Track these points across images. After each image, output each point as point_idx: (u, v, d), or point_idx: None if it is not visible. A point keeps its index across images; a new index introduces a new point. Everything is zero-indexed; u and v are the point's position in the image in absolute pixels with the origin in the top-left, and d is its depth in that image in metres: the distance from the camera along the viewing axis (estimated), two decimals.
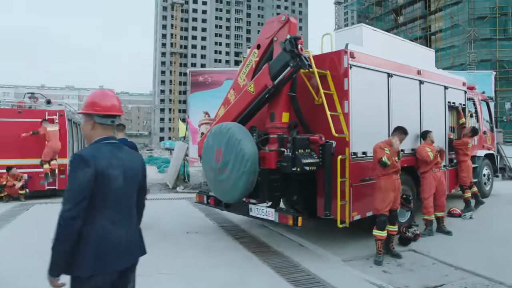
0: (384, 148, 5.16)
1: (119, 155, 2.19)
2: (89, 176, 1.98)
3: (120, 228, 2.13)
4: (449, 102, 7.68)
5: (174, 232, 6.52)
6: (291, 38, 4.88)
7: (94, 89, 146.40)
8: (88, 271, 1.99)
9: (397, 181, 5.25)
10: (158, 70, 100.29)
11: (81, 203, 1.95)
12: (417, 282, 4.32)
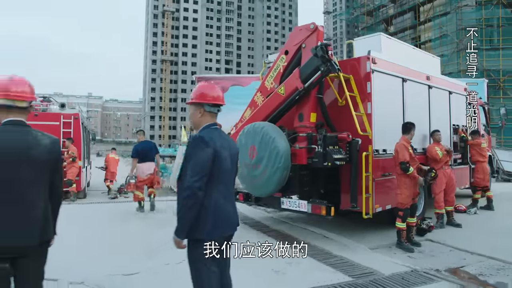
0: (408, 148, 5.63)
1: (225, 139, 2.62)
2: (209, 156, 2.40)
3: (228, 202, 2.56)
4: (454, 125, 8.23)
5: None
6: (322, 44, 5.38)
7: (83, 96, 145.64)
8: (207, 235, 2.41)
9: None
10: (149, 77, 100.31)
11: (203, 177, 2.37)
12: (440, 264, 4.77)
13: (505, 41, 32.04)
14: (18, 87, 2.32)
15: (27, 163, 2.24)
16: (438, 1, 34.33)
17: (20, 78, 2.40)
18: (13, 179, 2.19)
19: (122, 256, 5.02)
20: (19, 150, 2.23)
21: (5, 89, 2.29)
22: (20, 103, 2.31)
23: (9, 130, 2.28)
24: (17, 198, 2.19)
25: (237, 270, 2.82)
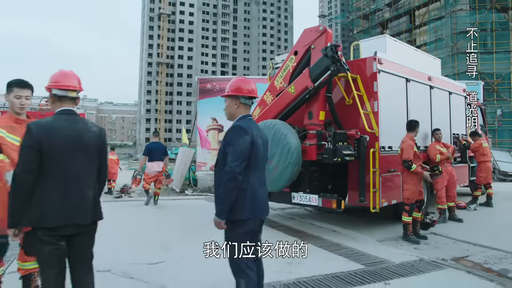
0: (413, 146, 5.88)
1: (259, 128, 2.84)
2: (248, 143, 2.62)
3: (262, 188, 2.78)
4: (454, 134, 8.50)
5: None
6: (332, 45, 5.63)
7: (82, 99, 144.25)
8: (245, 216, 2.63)
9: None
10: (144, 80, 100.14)
11: (243, 163, 2.58)
12: (446, 255, 5.01)
13: (499, 45, 32.61)
14: (69, 79, 2.54)
15: (80, 149, 2.47)
16: (433, 6, 34.85)
17: (69, 71, 2.63)
18: (70, 164, 2.40)
19: (140, 247, 5.21)
20: (74, 137, 2.45)
21: (57, 81, 2.52)
22: (71, 93, 2.55)
23: (64, 119, 2.49)
24: (73, 182, 2.40)
25: None
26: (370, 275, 4.08)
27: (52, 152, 2.34)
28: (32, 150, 2.31)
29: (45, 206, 2.31)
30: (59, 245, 2.34)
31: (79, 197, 2.41)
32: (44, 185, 2.33)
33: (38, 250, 2.33)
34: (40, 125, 2.38)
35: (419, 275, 4.12)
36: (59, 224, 2.31)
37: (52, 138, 2.35)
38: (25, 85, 3.11)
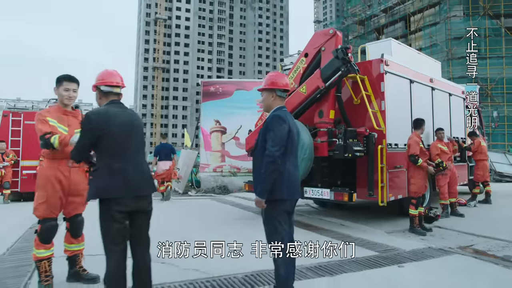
0: (419, 143, 6.22)
1: (293, 118, 3.14)
2: (285, 130, 2.93)
3: (296, 171, 3.07)
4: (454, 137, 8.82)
5: (225, 220, 7.36)
6: (343, 47, 5.96)
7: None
8: (284, 196, 2.92)
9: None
10: (140, 84, 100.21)
11: (282, 148, 2.88)
12: (451, 244, 5.31)
13: (492, 50, 33.25)
14: (114, 77, 2.89)
15: (133, 131, 2.83)
16: (428, 12, 35.49)
17: (113, 70, 3.00)
18: (128, 143, 2.75)
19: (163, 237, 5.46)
20: (127, 121, 2.81)
21: (104, 79, 2.88)
22: (116, 89, 2.90)
23: (115, 107, 2.85)
24: (132, 158, 2.74)
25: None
26: (384, 260, 4.38)
27: (112, 134, 2.64)
28: (93, 133, 2.63)
29: (110, 181, 2.59)
30: (124, 224, 2.63)
31: (138, 172, 2.73)
32: (107, 163, 2.62)
33: (107, 228, 2.61)
34: (98, 113, 2.69)
35: (430, 259, 4.43)
36: (124, 195, 2.60)
37: (109, 122, 2.67)
38: (73, 79, 3.43)
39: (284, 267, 2.89)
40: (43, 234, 3.25)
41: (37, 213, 3.27)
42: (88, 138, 2.68)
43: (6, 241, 5.15)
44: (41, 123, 3.27)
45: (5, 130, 10.54)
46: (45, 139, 3.18)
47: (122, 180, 2.62)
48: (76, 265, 3.51)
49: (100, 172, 2.63)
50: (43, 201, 3.25)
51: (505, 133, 29.70)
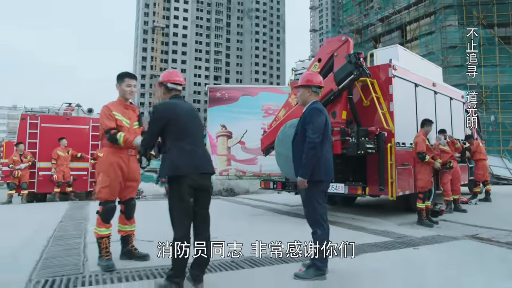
0: (425, 141, 6.68)
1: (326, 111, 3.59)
2: (323, 120, 3.38)
3: (330, 155, 3.52)
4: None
5: (241, 216, 7.75)
6: (355, 52, 6.44)
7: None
8: (322, 177, 3.36)
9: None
10: (138, 92, 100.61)
11: (320, 135, 3.33)
12: (458, 233, 5.75)
13: (486, 59, 34.06)
14: (177, 76, 3.34)
15: (195, 117, 3.29)
16: (424, 21, 36.35)
17: (176, 71, 3.44)
18: (193, 129, 3.17)
19: None
20: (189, 110, 3.26)
21: (170, 78, 3.33)
22: (179, 87, 3.34)
23: (180, 100, 3.29)
24: (196, 142, 3.17)
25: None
26: (400, 244, 4.81)
27: (180, 119, 3.07)
28: (161, 120, 3.07)
29: (181, 160, 3.01)
30: (190, 200, 3.02)
31: (202, 152, 3.17)
32: (178, 145, 3.05)
33: (178, 202, 3.01)
34: (165, 104, 3.14)
35: (441, 243, 4.87)
36: (192, 172, 3.02)
37: (175, 111, 3.11)
38: (134, 76, 3.88)
39: (323, 241, 3.31)
40: (104, 214, 3.65)
41: (99, 196, 3.67)
42: (157, 125, 3.09)
43: (44, 232, 5.50)
44: (107, 118, 3.67)
45: (23, 133, 10.92)
46: (111, 134, 3.59)
47: (190, 159, 3.04)
48: (128, 244, 3.90)
49: (171, 153, 3.05)
50: (106, 185, 3.64)
51: (500, 139, 30.36)
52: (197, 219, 3.10)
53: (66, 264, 3.74)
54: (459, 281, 3.42)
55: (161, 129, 3.09)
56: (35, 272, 3.45)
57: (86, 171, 11.57)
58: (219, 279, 3.30)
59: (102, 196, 3.66)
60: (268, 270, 3.64)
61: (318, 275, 3.29)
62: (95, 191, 3.75)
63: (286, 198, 11.27)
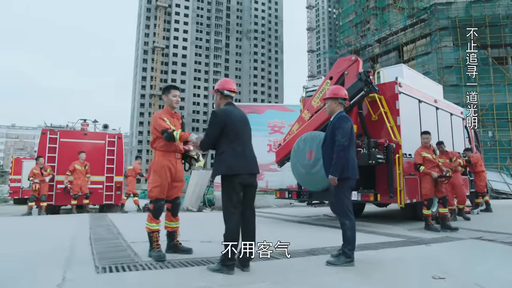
0: (421, 153, 7.17)
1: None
2: (350, 126, 3.93)
3: (355, 156, 4.04)
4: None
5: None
6: (365, 71, 7.05)
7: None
8: (350, 174, 3.89)
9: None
10: (137, 111, 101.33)
11: (347, 140, 3.87)
12: (464, 236, 6.23)
13: (481, 78, 35.00)
14: (232, 84, 3.86)
15: (247, 123, 3.82)
16: (420, 42, 37.55)
17: (231, 79, 3.97)
18: (243, 133, 3.69)
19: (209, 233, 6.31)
20: (241, 116, 3.79)
21: (225, 85, 3.84)
22: (233, 94, 3.85)
23: (232, 106, 3.82)
24: (246, 145, 3.68)
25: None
26: (412, 243, 5.28)
27: (234, 125, 3.60)
28: (220, 124, 3.58)
29: (234, 159, 3.53)
30: (240, 194, 3.53)
31: (251, 155, 3.68)
32: (232, 147, 3.56)
33: (230, 196, 3.51)
34: (222, 110, 3.67)
35: (450, 242, 5.36)
36: (243, 171, 3.52)
37: (231, 117, 3.63)
38: (178, 88, 4.42)
39: (351, 230, 3.81)
40: (155, 211, 4.12)
41: (151, 194, 4.15)
42: (216, 128, 3.60)
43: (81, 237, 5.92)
44: (162, 121, 4.19)
45: (43, 147, 11.40)
46: (168, 133, 4.09)
47: (242, 161, 3.55)
48: (174, 239, 4.36)
49: (225, 154, 3.56)
50: (158, 184, 4.13)
51: (497, 156, 31.01)
52: (244, 208, 3.60)
53: (119, 257, 4.17)
54: (471, 265, 3.90)
55: (219, 132, 3.60)
56: (96, 262, 3.89)
57: (101, 184, 12.01)
58: (262, 265, 3.75)
59: (153, 195, 4.14)
60: (302, 260, 4.11)
61: (347, 262, 3.77)
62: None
63: (295, 211, 11.74)
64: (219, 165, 3.58)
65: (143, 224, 4.25)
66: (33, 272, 3.47)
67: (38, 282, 3.13)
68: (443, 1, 36.15)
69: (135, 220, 8.73)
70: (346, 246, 3.82)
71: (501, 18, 34.63)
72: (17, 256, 4.23)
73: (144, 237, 4.29)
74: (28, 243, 5.31)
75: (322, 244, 5.05)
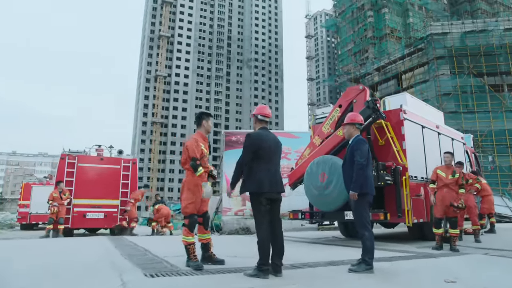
0: (437, 170, 7.62)
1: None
2: (367, 147, 4.46)
3: (371, 174, 4.55)
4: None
5: None
6: (372, 99, 7.65)
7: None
8: (368, 190, 4.38)
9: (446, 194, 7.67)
10: (138, 138, 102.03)
11: (365, 160, 4.39)
12: (471, 252, 6.65)
13: (479, 105, 36.01)
14: (266, 110, 4.40)
15: (277, 147, 4.32)
16: (418, 70, 38.72)
17: (266, 105, 4.50)
18: (272, 156, 4.18)
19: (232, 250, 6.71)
20: (272, 141, 4.29)
21: (262, 111, 4.38)
22: (266, 118, 4.38)
23: (265, 131, 4.34)
24: (274, 166, 4.16)
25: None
26: (421, 256, 5.71)
27: (265, 149, 4.11)
28: (253, 147, 4.10)
29: (262, 180, 4.03)
30: (267, 207, 4.02)
31: (277, 176, 4.16)
32: (261, 168, 4.07)
33: (258, 209, 4.00)
34: (257, 134, 4.19)
35: (457, 256, 5.77)
36: (269, 191, 4.02)
37: (264, 141, 4.15)
38: (212, 115, 4.97)
39: (369, 241, 4.27)
40: (191, 225, 4.59)
41: (187, 210, 4.62)
42: (250, 150, 4.13)
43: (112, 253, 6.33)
44: (196, 147, 4.70)
45: (61, 171, 11.89)
46: (196, 163, 4.58)
47: (269, 180, 4.06)
48: (208, 250, 4.80)
49: (255, 173, 4.06)
50: (192, 201, 4.61)
51: (498, 181, 31.42)
52: (272, 220, 4.08)
53: (159, 267, 4.59)
54: (479, 273, 4.33)
55: (253, 153, 4.12)
56: (140, 271, 4.32)
57: (116, 208, 12.42)
58: (291, 273, 4.19)
59: (188, 211, 4.62)
60: (325, 269, 4.55)
61: (368, 269, 4.21)
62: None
63: (304, 234, 12.10)
64: (249, 182, 4.08)
65: (164, 243, 4.75)
66: (93, 276, 3.90)
67: (103, 283, 3.56)
68: (439, 31, 37.54)
69: (154, 241, 9.10)
70: (366, 254, 4.27)
71: (495, 48, 35.87)
72: (66, 265, 4.66)
73: (174, 252, 4.73)
74: (68, 257, 5.73)
75: (339, 258, 5.46)
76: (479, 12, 54.02)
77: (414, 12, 53.51)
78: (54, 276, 3.99)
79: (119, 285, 3.37)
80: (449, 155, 7.54)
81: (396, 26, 50.35)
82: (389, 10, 51.15)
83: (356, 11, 55.61)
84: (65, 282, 3.72)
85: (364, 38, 52.98)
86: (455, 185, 7.31)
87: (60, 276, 3.94)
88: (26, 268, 4.62)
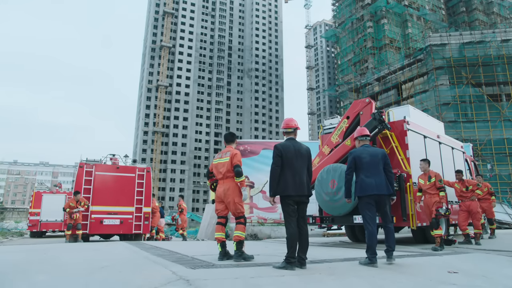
0: (419, 179, 8.20)
1: (366, 150, 5.28)
2: (350, 160, 5.08)
3: (369, 179, 5.14)
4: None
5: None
6: (378, 111, 8.28)
7: (70, 166, 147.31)
8: (361, 194, 5.01)
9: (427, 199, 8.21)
10: (140, 148, 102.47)
11: (350, 168, 5.02)
12: (472, 251, 7.20)
13: (478, 114, 36.76)
14: (291, 122, 5.02)
15: (299, 155, 4.88)
16: (418, 81, 39.54)
17: (291, 118, 5.10)
18: (295, 163, 4.78)
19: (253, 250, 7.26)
20: (296, 150, 4.87)
21: (286, 123, 5.01)
22: (290, 129, 5.00)
23: (290, 141, 4.94)
24: (297, 172, 4.76)
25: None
26: (426, 255, 6.27)
27: (287, 157, 4.72)
28: (279, 156, 4.70)
29: (286, 185, 4.63)
30: (294, 207, 4.62)
31: (300, 181, 4.76)
32: (285, 174, 4.67)
33: (286, 210, 4.60)
34: (282, 145, 4.80)
35: (461, 254, 6.33)
36: (293, 194, 4.62)
37: (287, 150, 4.76)
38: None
39: (368, 239, 4.89)
40: (246, 223, 5.27)
41: (243, 210, 5.34)
42: (279, 158, 4.73)
43: (140, 254, 6.88)
44: (241, 157, 5.38)
45: (80, 179, 12.46)
46: (241, 169, 5.26)
47: (293, 185, 4.66)
48: (241, 248, 5.39)
49: (281, 179, 4.67)
50: (244, 203, 5.28)
51: (498, 189, 31.99)
52: (299, 221, 4.66)
53: (195, 263, 5.16)
54: (479, 266, 4.90)
55: (281, 161, 4.72)
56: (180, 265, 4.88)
57: (131, 214, 12.97)
58: (314, 266, 4.76)
59: (244, 211, 5.31)
60: (342, 263, 5.14)
61: (370, 263, 4.81)
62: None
63: (311, 239, 12.61)
64: (278, 187, 4.69)
65: (182, 246, 5.29)
66: (142, 269, 4.47)
67: (156, 271, 4.13)
68: (438, 42, 38.45)
69: (174, 244, 9.64)
70: (367, 251, 4.92)
71: (492, 58, 36.72)
72: (108, 262, 5.22)
73: (201, 252, 5.33)
74: (104, 256, 6.28)
75: (352, 256, 6.03)
76: (477, 23, 55.17)
77: (413, 22, 54.63)
78: (104, 268, 4.55)
79: (170, 273, 3.94)
80: (423, 163, 8.14)
81: (395, 36, 51.41)
82: (388, 21, 52.24)
83: (355, 22, 56.74)
84: (118, 272, 4.28)
85: (364, 48, 53.95)
86: (435, 189, 7.86)
87: (113, 267, 4.50)
88: (75, 262, 5.18)
